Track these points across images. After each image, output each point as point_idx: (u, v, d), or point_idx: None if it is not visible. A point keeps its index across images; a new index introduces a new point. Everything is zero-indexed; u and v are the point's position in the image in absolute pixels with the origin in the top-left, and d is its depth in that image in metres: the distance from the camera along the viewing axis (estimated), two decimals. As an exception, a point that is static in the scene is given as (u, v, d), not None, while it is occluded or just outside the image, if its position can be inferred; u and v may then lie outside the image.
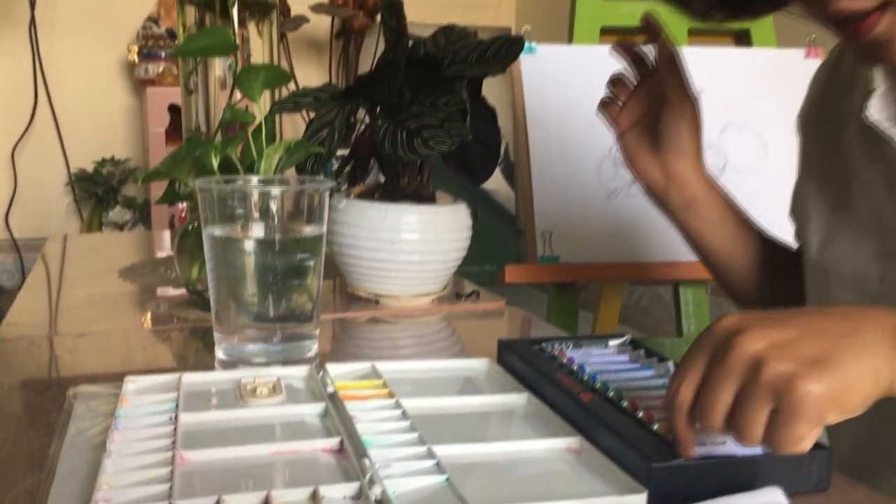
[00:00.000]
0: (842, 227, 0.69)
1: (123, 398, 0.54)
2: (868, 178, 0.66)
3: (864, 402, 0.43)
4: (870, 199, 0.66)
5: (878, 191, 0.65)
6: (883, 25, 0.53)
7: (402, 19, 0.87)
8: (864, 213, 0.67)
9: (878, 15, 0.52)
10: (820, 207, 0.72)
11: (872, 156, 0.65)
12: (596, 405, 0.50)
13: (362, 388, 0.56)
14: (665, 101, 0.74)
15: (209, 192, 0.67)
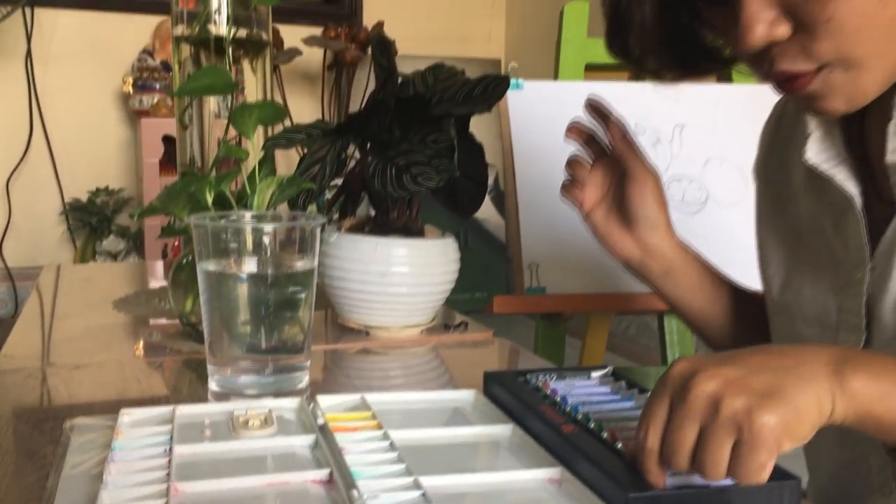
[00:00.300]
0: (799, 266, 0.73)
1: (119, 430, 0.55)
2: (817, 218, 0.70)
3: (811, 431, 0.46)
4: (821, 236, 0.69)
5: (826, 228, 0.68)
6: (815, 84, 0.57)
7: (391, 58, 0.90)
8: (818, 251, 0.70)
9: (811, 75, 0.56)
10: (778, 250, 0.76)
11: (818, 196, 0.69)
12: (577, 436, 0.52)
13: (352, 420, 0.58)
14: (626, 178, 0.77)
15: (203, 228, 0.69)
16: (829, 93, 0.57)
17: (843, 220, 0.66)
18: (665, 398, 0.47)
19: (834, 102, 0.58)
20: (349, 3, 3.31)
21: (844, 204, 0.65)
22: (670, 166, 1.28)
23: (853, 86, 0.56)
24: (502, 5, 3.57)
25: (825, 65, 0.55)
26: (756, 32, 0.54)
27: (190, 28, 0.99)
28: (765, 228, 0.79)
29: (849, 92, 0.57)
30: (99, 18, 2.92)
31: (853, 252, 0.65)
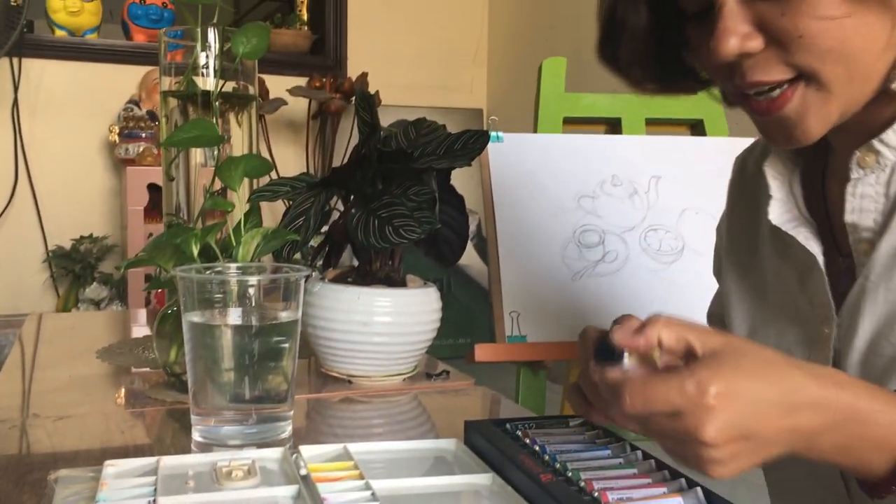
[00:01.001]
0: (765, 320, 0.74)
1: (104, 482, 0.56)
2: (782, 274, 0.72)
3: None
4: (786, 292, 0.71)
5: (791, 284, 0.70)
6: (794, 103, 0.58)
7: (374, 113, 0.93)
8: (783, 304, 0.72)
9: (791, 90, 0.58)
10: (742, 302, 0.78)
11: (783, 253, 0.71)
12: (555, 486, 0.53)
13: (334, 470, 0.59)
14: None
15: (189, 280, 0.70)
16: (804, 114, 0.58)
17: (807, 278, 0.68)
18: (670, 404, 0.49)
19: (807, 126, 0.59)
20: (334, 54, 3.37)
21: (808, 262, 0.67)
22: (647, 216, 1.31)
23: (823, 108, 0.58)
24: (484, 56, 3.65)
25: (800, 75, 0.57)
26: (730, 43, 0.57)
27: (178, 82, 1.02)
28: (730, 281, 0.81)
29: (820, 114, 0.58)
30: (86, 68, 2.96)
31: (819, 309, 0.67)
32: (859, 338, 0.63)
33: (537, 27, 3.27)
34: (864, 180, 0.63)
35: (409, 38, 3.49)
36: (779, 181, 0.69)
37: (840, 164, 0.67)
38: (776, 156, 0.71)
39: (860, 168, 0.63)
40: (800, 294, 0.69)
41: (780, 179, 0.70)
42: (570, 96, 1.34)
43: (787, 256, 0.71)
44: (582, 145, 1.32)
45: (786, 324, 0.72)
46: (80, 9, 2.91)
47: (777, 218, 0.68)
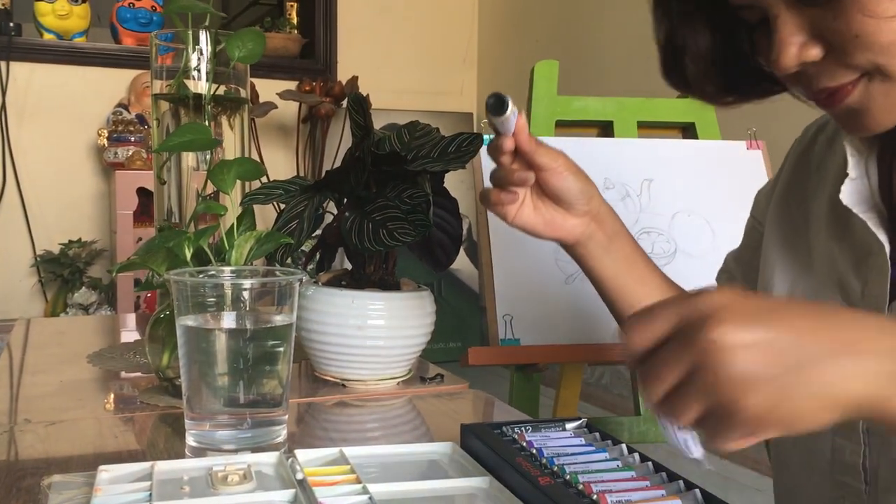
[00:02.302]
0: (806, 288, 0.72)
1: (98, 488, 0.56)
2: (834, 254, 0.69)
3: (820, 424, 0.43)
4: (836, 273, 0.69)
5: (844, 267, 0.68)
6: (855, 95, 0.58)
7: (368, 116, 0.92)
8: (829, 286, 0.69)
9: (851, 86, 0.57)
10: (786, 274, 0.75)
11: (841, 235, 0.69)
12: (553, 489, 0.53)
13: (331, 475, 0.59)
14: (539, 170, 0.75)
15: (182, 284, 0.70)
16: (870, 105, 0.58)
17: (864, 264, 0.66)
18: (674, 316, 0.44)
19: (874, 116, 0.58)
20: (324, 58, 3.37)
21: (870, 247, 0.65)
22: (639, 219, 1.31)
23: (891, 97, 0.57)
24: (474, 60, 3.65)
25: (864, 73, 0.56)
26: (788, 55, 0.57)
27: (169, 85, 1.01)
28: (774, 251, 0.77)
29: (888, 104, 0.57)
30: (74, 72, 2.94)
31: (871, 299, 0.65)
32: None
33: (527, 30, 3.27)
34: None
35: (399, 42, 3.49)
36: (856, 159, 0.67)
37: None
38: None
39: None
40: (853, 278, 0.67)
41: (858, 157, 0.67)
42: (562, 99, 1.34)
43: (844, 240, 0.68)
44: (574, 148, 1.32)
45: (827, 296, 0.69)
46: (69, 12, 2.89)
47: (849, 198, 0.65)
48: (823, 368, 0.43)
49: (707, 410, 0.43)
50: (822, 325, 0.44)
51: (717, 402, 0.42)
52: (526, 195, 0.77)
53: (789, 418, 0.42)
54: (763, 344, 0.42)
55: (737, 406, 0.42)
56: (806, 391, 0.42)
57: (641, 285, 0.82)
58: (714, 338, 0.42)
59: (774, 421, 0.42)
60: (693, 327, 0.43)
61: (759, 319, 0.43)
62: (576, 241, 0.80)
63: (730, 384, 0.42)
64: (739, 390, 0.42)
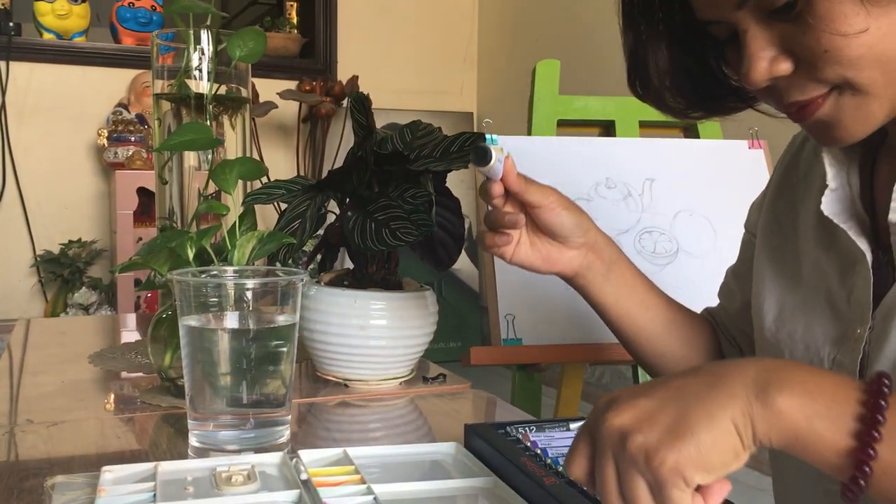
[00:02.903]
0: (795, 306, 0.72)
1: (101, 488, 0.55)
2: (820, 264, 0.70)
3: (734, 457, 0.45)
4: (821, 283, 0.69)
5: (830, 277, 0.68)
6: (826, 108, 0.58)
7: (370, 116, 0.92)
8: (817, 297, 0.70)
9: (822, 99, 0.57)
10: (775, 285, 0.75)
11: (827, 245, 0.69)
12: (558, 489, 0.53)
13: (335, 475, 0.59)
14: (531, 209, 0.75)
15: (185, 284, 0.70)
16: (841, 117, 0.58)
17: (850, 273, 0.66)
18: (587, 432, 0.48)
19: (846, 128, 0.58)
20: (324, 58, 3.36)
21: (853, 257, 0.65)
22: (641, 219, 1.31)
23: (862, 110, 0.57)
24: (474, 60, 3.65)
25: (833, 88, 0.57)
26: (758, 70, 0.57)
27: (170, 85, 1.01)
28: (763, 260, 0.78)
29: (859, 116, 0.57)
30: (74, 72, 2.94)
31: (855, 308, 0.65)
32: (890, 343, 0.61)
33: (527, 30, 3.27)
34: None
35: (399, 42, 3.49)
36: (836, 169, 0.67)
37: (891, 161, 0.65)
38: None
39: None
40: (838, 288, 0.67)
41: (838, 168, 0.67)
42: (563, 99, 1.34)
43: (830, 248, 0.69)
44: (576, 148, 1.32)
45: (816, 317, 0.69)
46: (68, 12, 2.89)
47: (829, 208, 0.66)
48: (716, 392, 0.46)
49: (643, 481, 0.45)
50: (695, 372, 0.48)
51: (636, 462, 0.45)
52: (521, 234, 0.77)
53: (698, 451, 0.44)
54: (645, 394, 0.47)
55: (650, 460, 0.44)
56: (704, 418, 0.45)
57: (643, 310, 0.82)
58: (611, 422, 0.46)
59: (687, 460, 0.44)
60: (597, 428, 0.47)
61: (637, 389, 0.48)
62: (575, 273, 0.80)
63: (638, 446, 0.45)
64: (646, 447, 0.44)
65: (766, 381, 0.46)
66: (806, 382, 0.46)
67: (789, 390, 0.45)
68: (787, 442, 0.45)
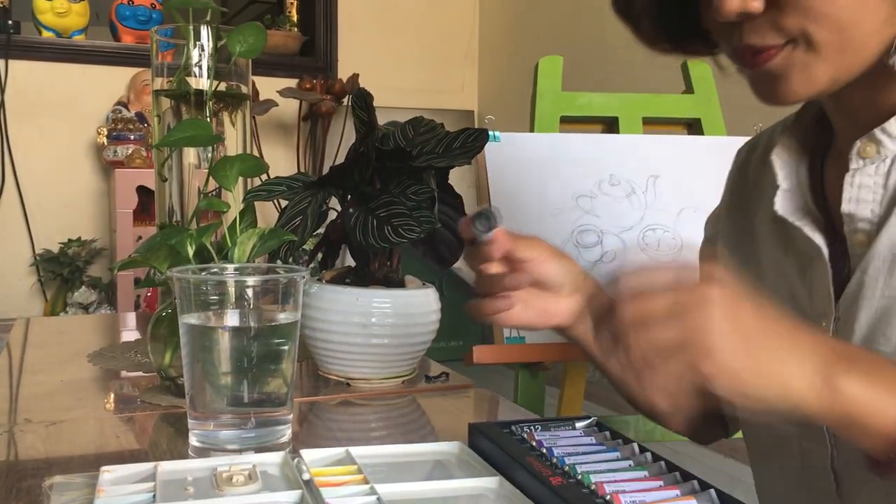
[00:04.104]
0: None
1: (100, 489, 0.54)
2: (780, 266, 0.71)
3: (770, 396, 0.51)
4: (783, 284, 0.70)
5: (791, 276, 0.69)
6: (777, 60, 0.59)
7: (371, 112, 0.91)
8: (780, 299, 0.70)
9: (776, 49, 0.59)
10: None
11: (784, 245, 0.70)
12: (566, 489, 0.52)
13: (337, 475, 0.58)
14: (522, 263, 0.72)
15: (185, 282, 0.69)
16: (788, 72, 0.59)
17: (808, 270, 0.67)
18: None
19: (790, 85, 0.59)
20: (324, 56, 3.36)
21: (811, 253, 0.66)
22: (645, 216, 1.30)
23: (809, 70, 0.58)
24: (475, 57, 3.64)
25: (790, 41, 0.58)
26: (731, 2, 0.57)
27: (170, 81, 1.00)
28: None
29: (805, 76, 0.59)
30: (73, 70, 2.93)
31: (818, 302, 0.66)
32: (856, 333, 0.62)
33: (529, 27, 3.26)
34: (864, 171, 0.63)
35: (400, 40, 3.48)
36: (786, 170, 0.69)
37: (842, 150, 0.66)
38: (784, 145, 0.70)
39: (860, 158, 0.63)
40: (799, 286, 0.68)
41: (788, 169, 0.69)
42: (566, 95, 1.33)
43: (788, 248, 0.70)
44: (579, 145, 1.31)
45: None
46: (68, 10, 2.88)
47: (783, 208, 0.67)
48: (777, 349, 0.52)
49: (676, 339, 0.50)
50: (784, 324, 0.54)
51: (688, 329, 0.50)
52: (514, 298, 0.72)
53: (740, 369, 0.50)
54: (743, 311, 0.52)
55: (704, 339, 0.50)
56: (761, 357, 0.51)
57: None
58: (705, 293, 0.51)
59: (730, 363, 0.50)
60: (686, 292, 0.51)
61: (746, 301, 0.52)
62: (571, 324, 0.77)
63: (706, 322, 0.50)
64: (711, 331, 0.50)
65: (834, 363, 0.52)
66: (870, 367, 0.52)
67: (856, 372, 0.51)
68: (840, 418, 0.51)
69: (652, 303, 0.51)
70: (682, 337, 0.50)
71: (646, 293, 0.52)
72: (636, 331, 0.51)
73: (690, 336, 0.50)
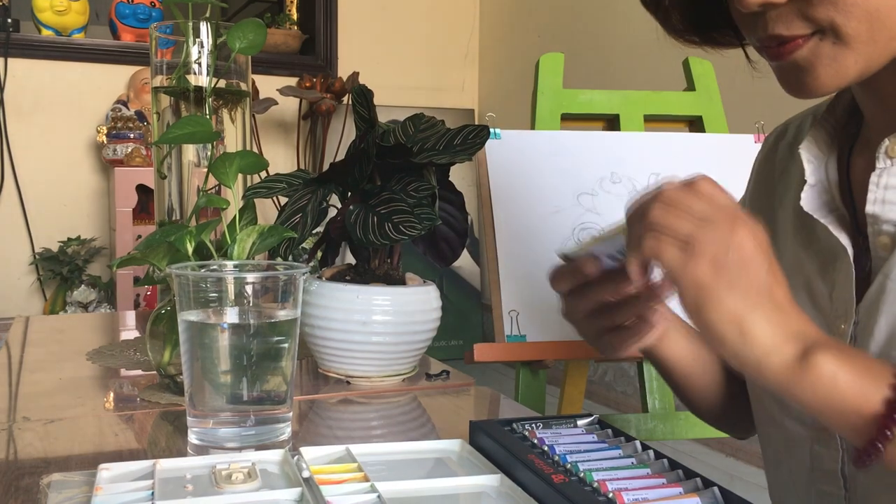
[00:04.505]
0: None
1: (98, 486, 0.54)
2: (801, 262, 0.69)
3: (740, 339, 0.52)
4: (804, 281, 0.69)
5: (811, 274, 0.68)
6: (804, 51, 0.57)
7: (372, 108, 0.91)
8: (798, 295, 0.68)
9: (803, 40, 0.57)
10: None
11: (806, 241, 0.69)
12: (568, 487, 0.52)
13: (337, 473, 0.57)
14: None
15: (185, 278, 0.68)
16: (815, 64, 0.57)
17: (831, 269, 0.65)
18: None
19: (817, 77, 0.57)
20: (324, 54, 3.35)
21: (834, 252, 0.65)
22: (646, 214, 1.29)
23: (838, 62, 0.56)
24: (475, 56, 3.63)
25: (818, 31, 0.56)
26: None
27: (169, 79, 1.00)
28: None
29: (833, 67, 0.57)
30: (73, 68, 2.92)
31: (839, 303, 0.65)
32: (875, 338, 0.61)
33: (529, 26, 3.26)
34: (890, 170, 0.61)
35: (400, 38, 3.47)
36: (814, 165, 0.67)
37: (871, 140, 0.64)
38: (813, 138, 0.68)
39: (888, 157, 0.61)
40: (819, 284, 0.67)
41: (816, 163, 0.67)
42: (567, 92, 1.32)
43: (810, 245, 0.68)
44: (580, 142, 1.31)
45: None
46: (67, 8, 2.87)
47: (809, 204, 0.66)
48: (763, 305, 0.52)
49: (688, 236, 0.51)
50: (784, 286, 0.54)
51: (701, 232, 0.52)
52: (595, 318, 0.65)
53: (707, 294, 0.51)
54: (757, 258, 0.53)
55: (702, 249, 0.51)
56: (744, 300, 0.51)
57: (697, 355, 0.75)
58: (738, 221, 0.53)
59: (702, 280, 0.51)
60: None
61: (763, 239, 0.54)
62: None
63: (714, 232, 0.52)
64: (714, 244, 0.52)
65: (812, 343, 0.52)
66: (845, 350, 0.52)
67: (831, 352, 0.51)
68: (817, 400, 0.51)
69: (687, 199, 0.52)
70: (695, 236, 0.51)
71: (687, 193, 0.53)
72: (660, 209, 0.52)
73: (701, 238, 0.51)
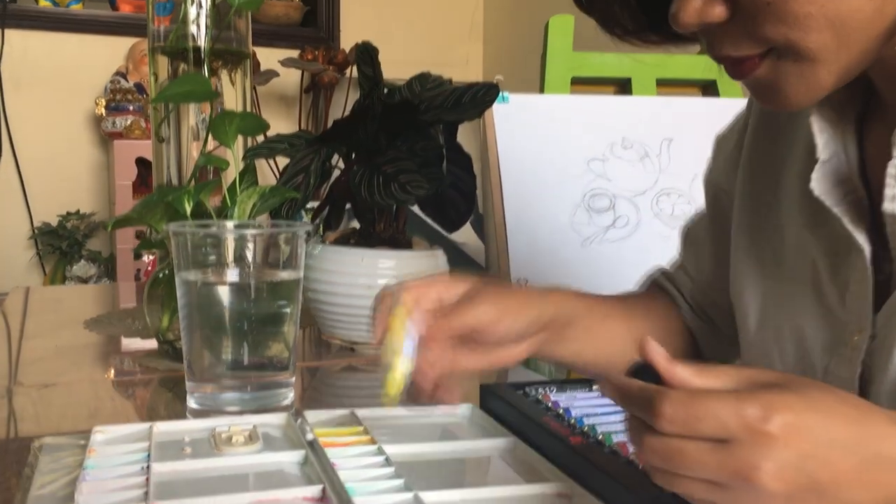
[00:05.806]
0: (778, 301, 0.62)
1: (92, 449, 0.51)
2: (806, 247, 0.60)
3: None
4: (807, 271, 0.60)
5: (818, 265, 0.59)
6: (763, 70, 0.49)
7: (377, 66, 0.88)
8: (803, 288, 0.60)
9: (759, 58, 0.49)
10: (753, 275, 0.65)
11: (813, 224, 0.59)
12: (586, 448, 0.49)
13: (342, 436, 0.55)
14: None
15: (183, 236, 0.65)
16: (781, 82, 0.49)
17: (843, 267, 0.56)
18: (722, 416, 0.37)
19: (787, 96, 0.50)
20: (326, 26, 3.30)
21: (847, 247, 0.55)
22: (658, 180, 1.26)
23: (807, 78, 0.49)
24: (480, 30, 3.58)
25: (772, 49, 0.49)
26: (687, 12, 0.48)
27: (167, 42, 0.96)
28: (739, 235, 0.67)
29: (804, 84, 0.49)
30: (70, 40, 2.88)
31: (852, 313, 0.55)
32: (894, 356, 0.52)
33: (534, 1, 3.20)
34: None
35: (404, 11, 3.42)
36: (827, 135, 0.56)
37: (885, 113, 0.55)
38: (827, 100, 0.55)
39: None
40: (828, 282, 0.57)
41: (830, 133, 0.56)
42: (577, 55, 1.29)
43: (818, 226, 0.58)
44: (591, 106, 1.27)
45: (803, 314, 0.59)
46: (65, -21, 2.83)
47: (820, 187, 0.55)
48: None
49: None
50: (865, 471, 0.39)
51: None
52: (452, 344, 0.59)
53: None
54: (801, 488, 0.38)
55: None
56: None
57: (610, 345, 0.70)
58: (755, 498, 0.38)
59: None
60: (735, 468, 0.38)
61: (805, 465, 0.38)
62: (530, 356, 0.67)
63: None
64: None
65: None
66: None
67: None
68: None
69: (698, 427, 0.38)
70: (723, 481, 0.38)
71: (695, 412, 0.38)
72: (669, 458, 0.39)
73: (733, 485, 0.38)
